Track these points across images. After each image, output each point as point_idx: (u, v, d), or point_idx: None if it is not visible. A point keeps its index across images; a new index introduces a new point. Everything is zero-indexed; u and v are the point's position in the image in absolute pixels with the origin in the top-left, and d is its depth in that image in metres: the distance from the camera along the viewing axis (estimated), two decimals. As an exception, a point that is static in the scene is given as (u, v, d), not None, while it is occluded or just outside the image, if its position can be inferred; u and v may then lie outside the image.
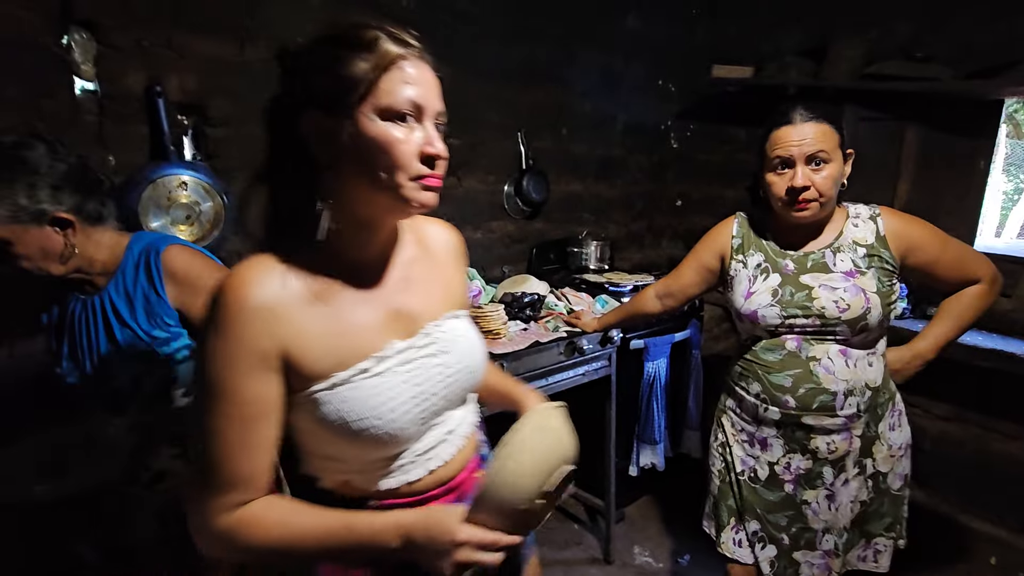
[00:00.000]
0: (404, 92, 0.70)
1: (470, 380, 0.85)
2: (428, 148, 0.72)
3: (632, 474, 2.33)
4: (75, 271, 1.09)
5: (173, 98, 1.61)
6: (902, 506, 1.38)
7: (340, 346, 0.73)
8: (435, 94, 0.75)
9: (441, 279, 0.86)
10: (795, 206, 1.24)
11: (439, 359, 0.80)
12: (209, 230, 1.66)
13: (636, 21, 2.68)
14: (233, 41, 1.69)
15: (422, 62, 0.74)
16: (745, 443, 1.40)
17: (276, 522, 0.71)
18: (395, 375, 0.76)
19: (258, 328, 0.68)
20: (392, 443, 0.76)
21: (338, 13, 1.85)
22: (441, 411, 0.82)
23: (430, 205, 0.74)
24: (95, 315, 1.12)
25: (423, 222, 0.89)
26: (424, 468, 0.81)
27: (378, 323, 0.77)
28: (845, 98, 2.31)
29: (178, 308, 1.13)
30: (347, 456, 0.77)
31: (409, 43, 0.73)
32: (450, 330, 0.83)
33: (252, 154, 2.05)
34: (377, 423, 0.73)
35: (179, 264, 1.11)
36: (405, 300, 0.80)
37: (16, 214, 0.99)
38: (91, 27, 1.48)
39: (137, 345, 1.11)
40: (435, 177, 0.73)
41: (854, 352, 1.27)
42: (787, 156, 1.23)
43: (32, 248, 1.02)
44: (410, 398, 0.76)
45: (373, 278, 0.79)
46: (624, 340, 2.11)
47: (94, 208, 1.09)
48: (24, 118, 1.42)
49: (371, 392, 0.73)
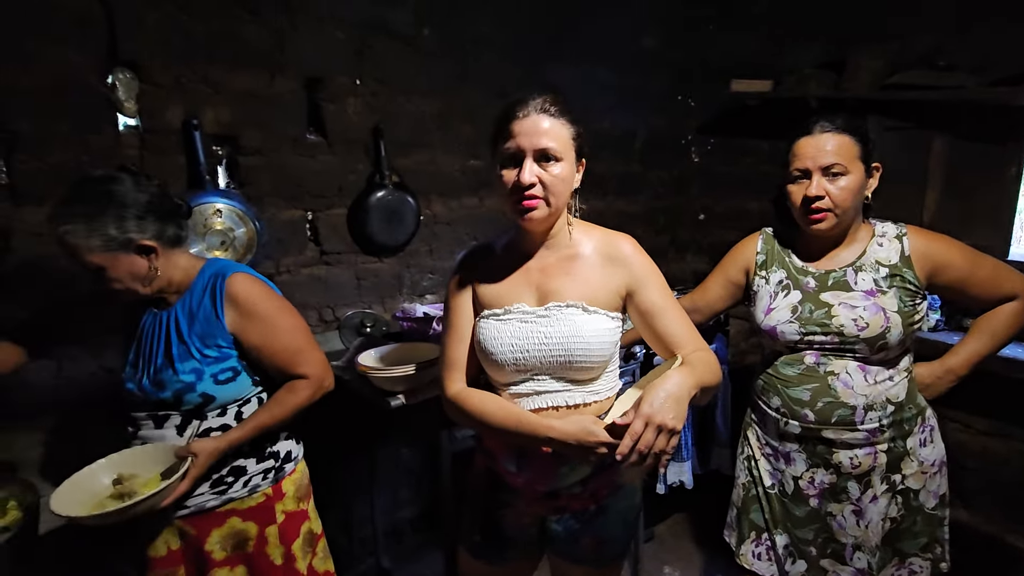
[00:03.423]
0: (508, 145, 1.04)
1: (564, 356, 1.08)
2: (513, 179, 1.04)
3: (660, 492, 2.29)
4: (157, 292, 1.19)
5: (208, 130, 1.70)
6: (939, 527, 1.34)
7: (494, 295, 1.14)
8: (534, 139, 1.03)
9: (589, 278, 1.12)
10: (809, 216, 1.26)
11: (543, 329, 1.08)
12: (243, 255, 1.73)
13: (653, 40, 2.72)
14: (264, 74, 1.78)
15: (532, 115, 1.04)
16: (770, 457, 1.39)
17: (480, 399, 1.12)
18: (509, 324, 1.10)
19: (464, 272, 1.18)
20: (498, 371, 1.12)
21: (363, 46, 1.93)
22: (536, 371, 1.10)
23: (533, 220, 1.06)
24: (160, 329, 1.20)
25: (599, 232, 1.17)
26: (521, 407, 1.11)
27: (520, 289, 1.13)
28: (868, 109, 2.29)
29: (233, 332, 1.19)
30: (487, 369, 1.15)
31: (525, 106, 1.04)
32: (566, 314, 1.09)
33: (281, 181, 2.13)
34: (487, 351, 1.11)
35: (240, 290, 1.18)
36: (547, 282, 1.12)
37: (107, 244, 1.09)
38: (134, 67, 1.57)
39: (187, 362, 1.17)
40: (528, 198, 1.04)
41: (873, 368, 1.26)
42: (803, 167, 1.25)
43: (122, 272, 1.12)
44: (508, 344, 1.09)
45: (532, 262, 1.15)
46: (647, 356, 2.10)
47: (173, 232, 1.19)
48: (73, 153, 1.51)
49: (492, 329, 1.11)
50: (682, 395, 0.95)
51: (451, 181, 2.23)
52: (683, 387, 0.96)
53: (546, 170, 1.04)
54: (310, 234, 1.96)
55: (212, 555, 1.22)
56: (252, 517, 1.24)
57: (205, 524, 1.22)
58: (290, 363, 1.23)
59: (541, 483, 1.13)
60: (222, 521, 1.22)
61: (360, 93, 1.95)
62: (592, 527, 1.18)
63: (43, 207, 1.47)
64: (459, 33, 2.13)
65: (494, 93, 2.23)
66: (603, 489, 1.17)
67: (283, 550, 1.27)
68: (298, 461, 1.34)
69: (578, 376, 1.11)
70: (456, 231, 2.27)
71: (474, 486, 1.27)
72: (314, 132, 1.91)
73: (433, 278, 2.26)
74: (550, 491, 1.14)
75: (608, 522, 1.18)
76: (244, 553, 1.24)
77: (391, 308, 2.15)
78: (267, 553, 1.25)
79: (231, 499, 1.22)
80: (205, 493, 1.20)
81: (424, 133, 2.12)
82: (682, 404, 0.94)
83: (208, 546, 1.21)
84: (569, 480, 1.12)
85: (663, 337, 1.13)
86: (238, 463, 1.23)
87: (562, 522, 1.18)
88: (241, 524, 1.23)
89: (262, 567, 1.25)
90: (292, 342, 1.22)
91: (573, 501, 1.16)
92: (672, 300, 1.15)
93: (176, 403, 1.18)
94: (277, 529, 1.26)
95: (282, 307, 1.24)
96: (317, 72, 1.86)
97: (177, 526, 1.22)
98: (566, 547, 1.21)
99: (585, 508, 1.17)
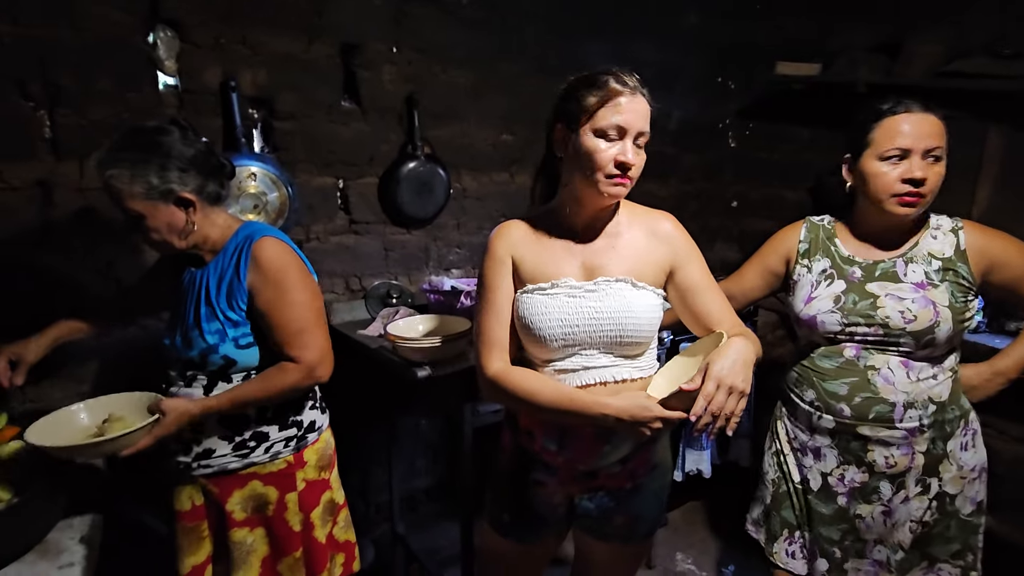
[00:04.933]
0: (612, 119, 1.01)
1: (614, 331, 1.07)
2: (620, 157, 1.02)
3: (677, 479, 2.28)
4: (192, 247, 1.19)
5: (245, 92, 1.69)
6: (974, 534, 1.30)
7: (538, 270, 1.12)
8: (638, 120, 1.03)
9: (635, 254, 1.12)
10: (903, 198, 1.17)
11: (592, 303, 1.07)
12: (274, 219, 1.74)
13: (697, 17, 2.62)
14: (302, 38, 1.76)
15: (635, 96, 1.03)
16: (798, 451, 1.36)
17: (523, 377, 1.09)
18: (556, 299, 1.08)
19: (502, 247, 1.14)
20: (541, 348, 1.10)
21: (400, 13, 1.90)
22: (585, 345, 1.09)
23: (617, 196, 1.06)
24: (193, 288, 1.21)
25: (641, 210, 1.17)
26: (565, 384, 1.09)
27: (565, 264, 1.11)
28: (919, 97, 2.19)
29: (249, 288, 1.18)
30: (527, 346, 1.13)
31: (627, 84, 1.03)
32: (616, 289, 1.08)
33: (314, 147, 2.13)
34: (532, 327, 1.08)
35: (266, 254, 1.17)
36: (594, 257, 1.11)
37: (149, 192, 1.10)
38: (175, 25, 1.57)
39: (212, 323, 1.17)
40: (622, 178, 1.03)
41: (916, 364, 1.21)
42: (906, 146, 1.16)
43: (160, 222, 1.13)
44: (557, 319, 1.07)
45: (578, 237, 1.13)
46: (674, 342, 2.07)
47: (214, 190, 1.19)
48: (114, 110, 1.53)
49: (538, 303, 1.09)
50: (749, 359, 0.99)
51: (483, 155, 2.20)
52: (748, 352, 1.00)
53: (637, 154, 1.05)
54: (340, 202, 1.96)
55: (233, 515, 1.24)
56: (272, 482, 1.25)
57: (227, 485, 1.23)
58: (288, 341, 1.17)
59: (583, 462, 1.13)
60: (243, 483, 1.24)
61: (396, 61, 1.93)
62: (626, 505, 1.18)
63: (83, 162, 1.50)
64: (500, 3, 2.08)
65: (533, 67, 2.19)
66: (641, 468, 1.16)
67: (302, 517, 1.28)
68: (322, 431, 1.34)
69: (627, 351, 1.10)
70: (486, 206, 2.25)
71: (503, 465, 1.26)
72: (348, 99, 1.89)
73: (460, 252, 2.25)
74: (590, 470, 1.14)
75: (642, 500, 1.19)
76: (264, 516, 1.26)
77: (416, 280, 2.15)
78: (286, 519, 1.26)
79: (253, 463, 1.23)
80: (228, 455, 1.22)
81: (458, 105, 2.09)
82: (749, 368, 0.98)
83: (229, 506, 1.23)
84: (611, 459, 1.13)
85: (702, 316, 1.12)
86: (261, 429, 1.23)
87: (595, 499, 1.18)
88: (262, 488, 1.25)
89: (281, 532, 1.26)
90: (296, 319, 1.17)
91: (610, 480, 1.16)
92: (712, 280, 1.14)
93: (202, 363, 1.19)
94: (297, 496, 1.27)
95: (300, 281, 1.19)
96: (354, 38, 1.84)
97: (201, 484, 1.24)
98: (597, 524, 1.21)
99: (621, 487, 1.17)
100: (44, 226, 1.50)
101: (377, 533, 2.20)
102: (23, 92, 1.43)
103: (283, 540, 1.27)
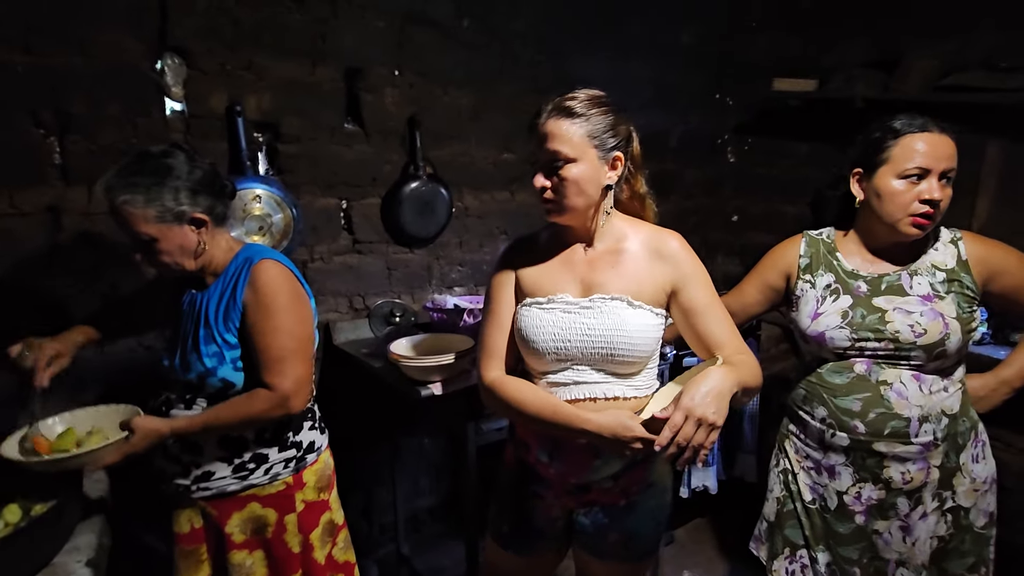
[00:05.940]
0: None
1: (605, 348, 1.08)
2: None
3: (683, 495, 2.27)
4: (199, 269, 1.21)
5: (250, 116, 1.73)
6: (987, 546, 1.28)
7: (537, 284, 1.15)
8: (544, 143, 1.05)
9: (635, 272, 1.12)
10: (916, 218, 1.17)
11: (585, 320, 1.09)
12: (279, 240, 1.76)
13: (692, 35, 2.66)
14: (306, 63, 1.80)
15: (545, 119, 1.06)
16: (812, 470, 1.34)
17: (515, 387, 1.13)
18: (551, 313, 1.11)
19: (508, 261, 1.20)
20: (537, 360, 1.13)
21: (402, 37, 1.94)
22: (577, 360, 1.10)
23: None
24: (193, 310, 1.22)
25: (647, 228, 1.17)
26: (558, 397, 1.11)
27: (564, 280, 1.14)
28: (916, 111, 2.21)
29: (243, 308, 1.17)
30: (525, 357, 1.16)
31: (543, 109, 1.06)
32: (611, 307, 1.09)
33: (318, 169, 2.14)
34: (528, 339, 1.12)
35: (263, 276, 1.18)
36: (592, 274, 1.13)
37: (163, 214, 1.12)
38: (183, 53, 1.61)
39: (210, 346, 1.18)
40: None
41: (928, 378, 1.21)
42: (926, 166, 1.16)
43: (173, 245, 1.14)
44: (551, 333, 1.10)
45: (577, 254, 1.16)
46: (677, 357, 2.07)
47: (221, 210, 1.21)
48: (122, 135, 1.56)
49: (534, 317, 1.12)
50: (724, 391, 0.95)
51: (484, 174, 2.23)
52: (725, 383, 0.96)
53: (557, 174, 1.04)
54: (344, 223, 1.98)
55: (232, 537, 1.23)
56: (271, 504, 1.25)
57: (226, 507, 1.23)
58: (266, 367, 1.16)
59: (573, 475, 1.14)
60: (242, 505, 1.24)
61: (398, 84, 1.97)
62: (620, 523, 1.17)
63: (91, 187, 1.53)
64: (498, 25, 2.13)
65: (529, 87, 2.22)
66: (634, 486, 1.16)
67: (301, 538, 1.27)
68: (320, 452, 1.33)
69: (619, 369, 1.11)
70: (487, 224, 2.27)
71: (504, 477, 1.27)
72: (352, 122, 1.93)
73: (462, 270, 2.26)
74: (581, 484, 1.15)
75: (637, 519, 1.18)
76: (263, 538, 1.26)
77: (420, 299, 2.16)
78: (285, 540, 1.26)
79: (252, 485, 1.23)
80: (227, 477, 1.22)
81: (459, 125, 2.12)
82: (723, 400, 0.94)
83: (228, 528, 1.23)
84: (601, 474, 1.13)
85: (704, 337, 1.11)
86: (260, 451, 1.23)
87: (590, 515, 1.18)
88: (261, 510, 1.25)
89: (280, 554, 1.26)
90: (278, 346, 1.16)
91: (603, 495, 1.16)
92: (716, 300, 1.13)
93: (200, 386, 1.19)
94: (296, 518, 1.26)
95: (289, 307, 1.18)
96: (357, 63, 1.88)
97: (200, 506, 1.24)
98: (592, 541, 1.20)
99: (615, 503, 1.16)
100: (52, 250, 1.53)
101: (381, 554, 2.18)
102: (35, 120, 1.46)
103: (282, 562, 1.26)
